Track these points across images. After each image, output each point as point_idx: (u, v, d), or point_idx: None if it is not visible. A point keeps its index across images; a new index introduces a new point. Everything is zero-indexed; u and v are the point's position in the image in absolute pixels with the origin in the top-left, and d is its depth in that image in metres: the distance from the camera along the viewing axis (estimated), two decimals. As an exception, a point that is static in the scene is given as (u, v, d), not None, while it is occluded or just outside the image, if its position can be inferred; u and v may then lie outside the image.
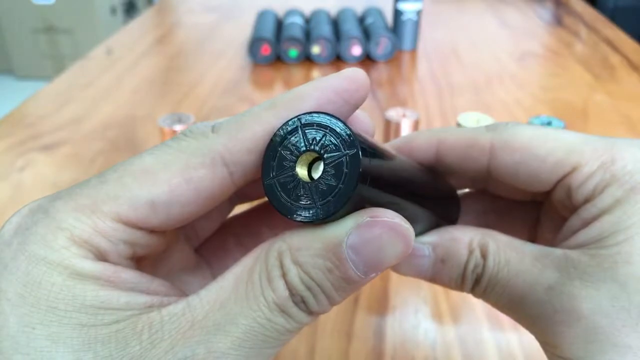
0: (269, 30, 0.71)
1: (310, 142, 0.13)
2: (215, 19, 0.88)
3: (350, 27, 0.71)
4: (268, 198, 0.13)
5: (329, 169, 0.13)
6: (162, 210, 0.14)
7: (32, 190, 0.45)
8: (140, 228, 0.14)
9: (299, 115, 0.14)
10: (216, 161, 0.14)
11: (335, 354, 0.31)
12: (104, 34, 1.85)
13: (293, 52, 0.69)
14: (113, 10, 2.04)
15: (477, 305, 0.34)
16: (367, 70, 0.68)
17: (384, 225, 0.13)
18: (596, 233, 0.16)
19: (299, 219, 0.13)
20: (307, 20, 0.77)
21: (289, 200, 0.13)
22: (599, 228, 0.16)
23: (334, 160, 0.13)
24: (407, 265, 0.18)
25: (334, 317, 0.33)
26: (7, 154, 0.50)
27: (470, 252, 0.17)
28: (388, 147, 0.17)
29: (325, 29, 0.70)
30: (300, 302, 0.13)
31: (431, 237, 0.18)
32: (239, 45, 0.77)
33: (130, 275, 0.14)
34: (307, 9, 0.81)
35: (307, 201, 0.13)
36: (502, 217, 0.22)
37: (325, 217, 0.13)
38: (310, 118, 0.13)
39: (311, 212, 0.13)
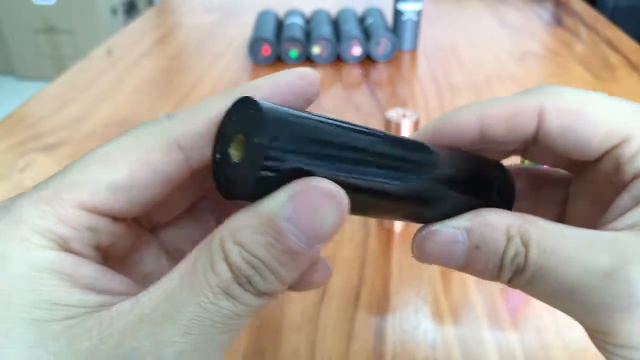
0: (269, 31, 0.71)
1: (239, 124, 0.14)
2: (215, 20, 0.88)
3: (351, 28, 0.71)
4: (214, 180, 0.14)
5: (250, 148, 0.13)
6: (122, 194, 0.14)
7: (33, 190, 0.45)
8: (103, 214, 0.14)
9: (234, 101, 0.14)
10: (171, 145, 0.14)
11: (336, 354, 0.31)
12: (105, 35, 1.85)
13: (293, 52, 0.69)
14: (114, 11, 2.04)
15: (477, 305, 0.34)
16: (367, 71, 0.68)
17: (316, 192, 0.13)
18: None
19: (234, 197, 0.13)
20: (308, 21, 0.77)
21: (227, 179, 0.14)
22: None
23: (252, 140, 0.13)
24: (437, 252, 0.17)
25: (335, 317, 0.33)
26: (8, 154, 0.50)
27: (509, 239, 0.16)
28: (421, 132, 0.19)
29: (326, 30, 0.71)
30: (245, 282, 0.13)
31: (464, 221, 0.17)
32: (239, 46, 0.77)
33: (89, 270, 0.14)
34: (308, 9, 0.82)
35: (240, 179, 0.13)
36: (528, 198, 0.21)
37: (255, 193, 0.13)
38: (240, 103, 0.14)
39: (244, 189, 0.13)
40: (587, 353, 0.30)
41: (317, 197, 0.13)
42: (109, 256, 0.15)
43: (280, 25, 0.76)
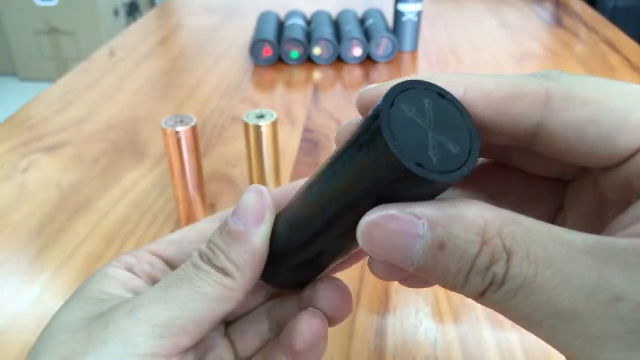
0: (270, 32, 0.71)
1: None
2: (217, 21, 0.89)
3: (351, 28, 0.71)
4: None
5: None
6: (175, 245, 0.21)
7: (35, 191, 0.45)
8: (159, 256, 0.21)
9: None
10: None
11: (337, 353, 0.31)
12: (107, 36, 1.86)
13: (294, 53, 0.69)
14: (115, 12, 2.04)
15: (477, 305, 0.34)
16: (368, 71, 0.68)
17: (248, 190, 0.19)
18: None
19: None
20: (308, 22, 0.78)
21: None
22: None
23: None
24: (387, 245, 0.13)
25: (335, 316, 0.33)
26: (11, 155, 0.51)
27: (485, 241, 0.12)
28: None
29: (326, 30, 0.71)
30: (206, 259, 0.18)
31: (429, 209, 0.13)
32: (240, 47, 0.77)
33: (135, 282, 0.20)
34: (308, 11, 0.82)
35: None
36: (517, 198, 0.17)
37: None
38: None
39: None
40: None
41: (246, 193, 0.18)
42: None
43: (281, 26, 0.76)
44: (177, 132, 0.37)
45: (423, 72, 0.69)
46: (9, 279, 0.37)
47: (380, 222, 0.13)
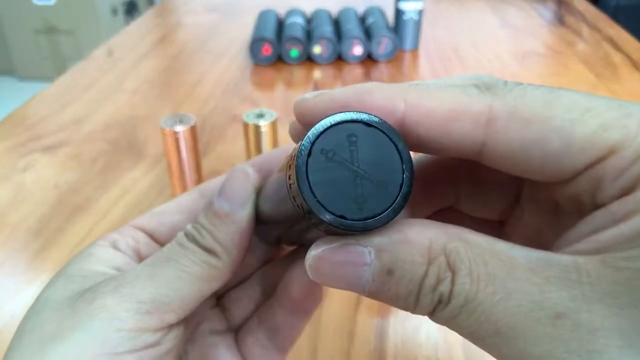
0: (270, 30, 0.71)
1: None
2: (216, 19, 0.88)
3: (352, 27, 0.71)
4: None
5: None
6: (157, 217, 0.21)
7: (33, 191, 0.45)
8: (143, 230, 0.21)
9: None
10: (196, 190, 0.22)
11: (338, 354, 0.31)
12: (105, 35, 1.85)
13: (294, 52, 0.69)
14: (114, 11, 2.04)
15: (480, 306, 0.34)
16: (369, 70, 0.68)
17: (234, 170, 0.19)
18: (629, 233, 0.11)
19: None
20: (309, 20, 0.77)
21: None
22: (635, 226, 0.11)
23: None
24: (336, 276, 0.13)
25: (336, 317, 0.33)
26: (9, 155, 0.50)
27: (430, 261, 0.12)
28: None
29: (327, 29, 0.70)
30: (192, 239, 0.18)
31: (375, 236, 0.13)
32: (240, 46, 0.77)
33: (120, 259, 0.20)
34: (309, 9, 0.81)
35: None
36: (465, 197, 0.17)
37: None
38: None
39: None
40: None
41: (232, 174, 0.19)
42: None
43: (281, 24, 0.76)
44: (176, 132, 0.37)
45: (424, 71, 0.69)
46: (7, 280, 0.36)
47: (326, 255, 0.14)
